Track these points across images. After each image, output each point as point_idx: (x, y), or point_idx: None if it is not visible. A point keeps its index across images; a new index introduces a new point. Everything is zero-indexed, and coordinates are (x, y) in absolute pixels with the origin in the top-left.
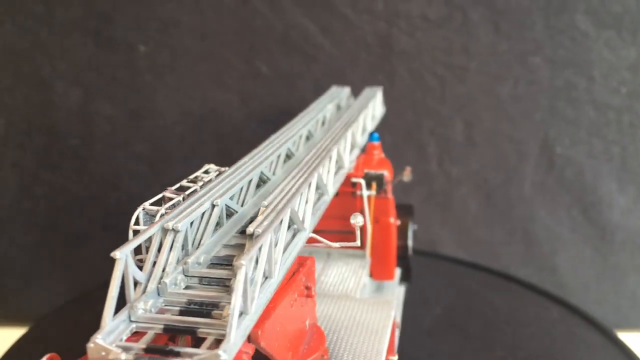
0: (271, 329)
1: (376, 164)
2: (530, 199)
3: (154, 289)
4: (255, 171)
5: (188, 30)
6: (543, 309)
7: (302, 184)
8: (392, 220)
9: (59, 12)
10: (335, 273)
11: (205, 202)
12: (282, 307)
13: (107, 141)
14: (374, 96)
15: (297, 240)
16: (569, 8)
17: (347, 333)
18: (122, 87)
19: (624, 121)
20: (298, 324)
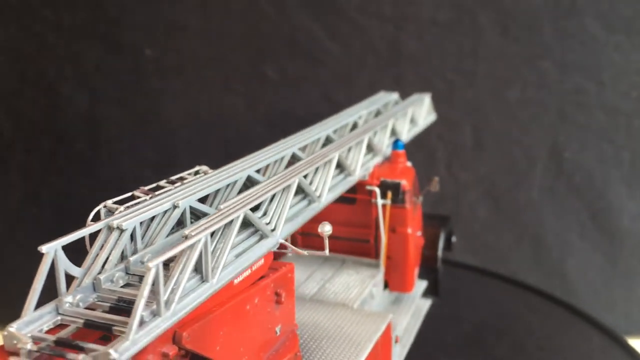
0: (205, 332)
1: (399, 173)
2: (539, 204)
3: (90, 285)
4: (242, 174)
5: (195, 34)
6: (583, 336)
7: (275, 188)
8: (410, 231)
9: (65, 16)
10: (342, 281)
11: (166, 202)
12: (228, 311)
13: (113, 145)
14: (415, 102)
15: (260, 246)
16: (578, 12)
17: (328, 342)
18: (128, 91)
19: (634, 126)
20: (260, 329)
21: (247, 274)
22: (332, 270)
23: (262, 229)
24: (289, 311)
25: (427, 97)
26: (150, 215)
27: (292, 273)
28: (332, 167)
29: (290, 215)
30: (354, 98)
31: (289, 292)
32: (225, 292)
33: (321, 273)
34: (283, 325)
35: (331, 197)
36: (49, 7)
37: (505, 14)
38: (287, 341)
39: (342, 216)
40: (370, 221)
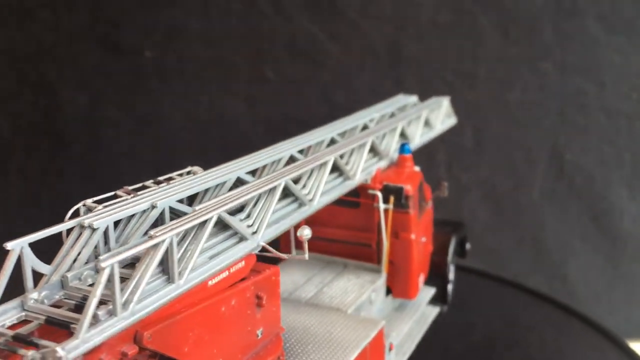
0: (171, 332)
1: (405, 177)
2: (540, 206)
3: (57, 282)
4: (230, 175)
5: (195, 36)
6: (601, 354)
7: (257, 191)
8: (413, 237)
9: (65, 17)
10: (341, 286)
11: (144, 202)
12: (199, 313)
13: (113, 147)
14: (431, 106)
15: (238, 249)
16: (579, 13)
17: (314, 347)
18: (128, 93)
19: (635, 127)
20: (238, 331)
21: (224, 275)
22: (333, 274)
23: (241, 231)
24: (273, 314)
25: (446, 101)
26: (124, 215)
27: (276, 276)
28: (327, 170)
29: (275, 218)
30: (354, 100)
31: (273, 296)
32: (198, 294)
33: (321, 277)
34: (266, 328)
35: (326, 201)
36: (48, 8)
37: (506, 16)
38: (269, 344)
39: (345, 220)
40: (372, 225)
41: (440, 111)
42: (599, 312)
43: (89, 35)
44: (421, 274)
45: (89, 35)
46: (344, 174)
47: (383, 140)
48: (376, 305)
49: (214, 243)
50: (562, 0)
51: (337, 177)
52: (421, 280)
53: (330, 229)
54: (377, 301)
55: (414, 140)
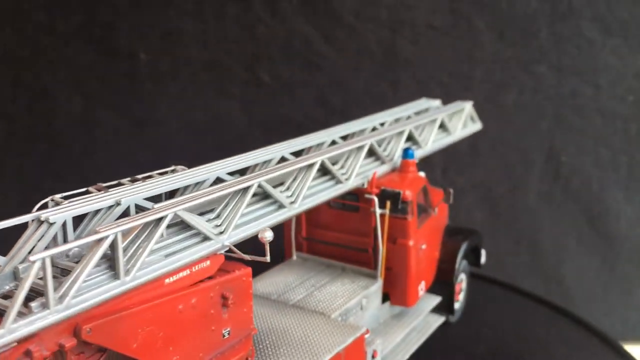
0: (116, 327)
1: (407, 182)
2: (536, 209)
3: (10, 273)
4: (210, 175)
5: (190, 38)
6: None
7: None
8: (411, 243)
9: (60, 20)
10: (333, 290)
11: (108, 199)
12: (151, 310)
13: (108, 150)
14: (449, 110)
15: (200, 248)
16: (574, 15)
17: (286, 349)
18: (123, 96)
19: (631, 130)
20: (199, 330)
21: (185, 274)
22: (329, 278)
23: (203, 230)
24: (243, 315)
25: (468, 105)
26: (84, 210)
27: (247, 277)
28: (312, 172)
29: (247, 219)
30: (350, 102)
31: (243, 297)
32: (153, 291)
33: (316, 279)
34: (234, 329)
35: (310, 204)
36: (43, 11)
37: (501, 18)
38: (237, 345)
39: (345, 224)
40: (370, 230)
41: (461, 116)
42: (595, 314)
43: (84, 37)
44: (422, 282)
45: (84, 37)
46: (335, 177)
47: (389, 144)
48: (369, 311)
49: (174, 241)
50: (558, 2)
51: (328, 179)
52: (422, 288)
53: (331, 232)
54: (371, 307)
55: (426, 145)
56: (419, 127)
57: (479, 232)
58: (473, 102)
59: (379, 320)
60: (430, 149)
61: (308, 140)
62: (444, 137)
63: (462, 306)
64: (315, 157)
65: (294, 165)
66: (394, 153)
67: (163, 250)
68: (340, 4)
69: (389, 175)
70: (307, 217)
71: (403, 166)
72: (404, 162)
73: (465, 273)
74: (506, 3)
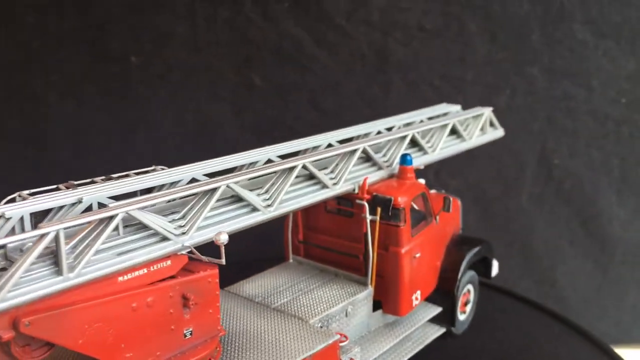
0: (59, 322)
1: (403, 189)
2: (529, 211)
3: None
4: (184, 175)
5: (182, 41)
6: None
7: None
8: (404, 251)
9: (51, 23)
10: (320, 295)
11: (71, 197)
12: (99, 306)
13: (100, 153)
14: (461, 115)
15: (157, 248)
16: (566, 17)
17: (253, 353)
18: (115, 99)
19: (624, 132)
20: (156, 329)
21: (141, 273)
22: (319, 283)
23: (161, 231)
24: (209, 317)
25: (487, 111)
26: (43, 207)
27: (212, 278)
28: (292, 176)
29: (216, 221)
30: (342, 105)
31: (208, 298)
32: (105, 288)
33: (306, 284)
34: (197, 329)
35: (290, 208)
36: (34, 14)
37: (493, 21)
38: (200, 345)
39: (340, 229)
40: (362, 236)
41: (478, 122)
42: (588, 317)
43: (75, 40)
44: (417, 291)
45: (75, 40)
46: (321, 182)
47: (390, 149)
48: (356, 318)
49: (130, 240)
50: (550, 5)
51: (314, 184)
52: (417, 297)
53: (326, 236)
54: (359, 315)
55: (433, 152)
56: (428, 133)
57: (489, 243)
58: (493, 108)
59: (369, 328)
60: (439, 155)
61: (301, 144)
62: (457, 143)
63: (468, 318)
64: (297, 160)
65: (272, 168)
66: (394, 159)
67: (116, 249)
68: (331, 6)
69: (386, 181)
70: (304, 221)
71: (401, 172)
72: (401, 168)
73: (474, 284)
74: (498, 5)
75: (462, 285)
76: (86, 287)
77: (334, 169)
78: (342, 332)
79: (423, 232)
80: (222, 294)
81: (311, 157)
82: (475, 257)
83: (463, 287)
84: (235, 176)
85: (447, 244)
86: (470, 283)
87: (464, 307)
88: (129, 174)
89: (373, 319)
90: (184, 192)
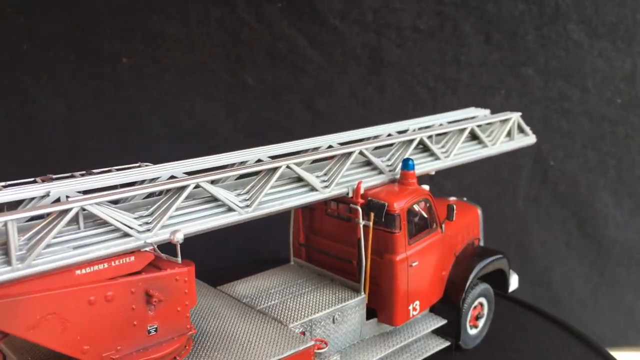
0: (9, 311)
1: (399, 195)
2: (524, 213)
3: None
4: (165, 172)
5: (174, 42)
6: None
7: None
8: (399, 258)
9: (40, 23)
10: (309, 299)
11: (41, 190)
12: (52, 297)
13: (91, 155)
14: (483, 120)
15: (117, 244)
16: (561, 17)
17: (222, 353)
18: (106, 100)
19: (620, 133)
20: (116, 323)
21: (101, 267)
22: (313, 287)
23: (120, 227)
24: (176, 314)
25: (514, 116)
26: (10, 199)
27: (181, 277)
28: (275, 177)
29: (185, 219)
30: (336, 106)
31: (176, 296)
32: (61, 280)
33: (298, 287)
34: (163, 327)
35: (270, 209)
36: (23, 14)
37: (488, 21)
38: (166, 342)
39: (337, 233)
40: (355, 241)
41: (504, 127)
42: (584, 320)
43: (65, 41)
44: (416, 301)
45: (65, 41)
46: (309, 184)
47: (395, 153)
48: (345, 326)
49: (90, 234)
50: (545, 5)
51: (302, 186)
52: (415, 307)
53: (326, 240)
54: (348, 322)
55: (446, 157)
56: (444, 137)
57: (505, 255)
58: (521, 113)
59: (362, 336)
60: (454, 161)
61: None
62: (477, 149)
63: (481, 333)
64: (280, 161)
65: (252, 168)
66: (398, 163)
67: (74, 242)
68: (325, 6)
69: (385, 186)
70: (305, 224)
71: (402, 177)
72: (402, 173)
73: (487, 298)
74: (492, 5)
75: (470, 297)
76: (42, 278)
77: (327, 171)
78: (322, 339)
79: (424, 240)
80: (213, 292)
81: (296, 159)
82: (487, 270)
83: (473, 300)
84: (208, 175)
85: (458, 254)
86: (483, 296)
87: (475, 321)
88: (111, 170)
89: (367, 327)
90: (150, 189)
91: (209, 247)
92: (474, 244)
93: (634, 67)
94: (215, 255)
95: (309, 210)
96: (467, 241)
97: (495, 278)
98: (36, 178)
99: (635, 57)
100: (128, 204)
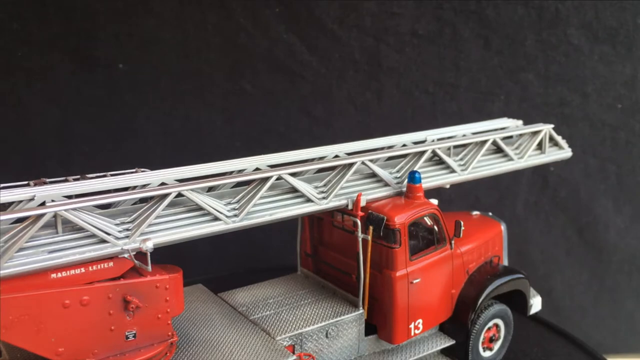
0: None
1: (403, 209)
2: (524, 219)
3: None
4: (156, 179)
5: (170, 47)
6: None
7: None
8: (397, 275)
9: (35, 29)
10: (305, 312)
11: (28, 193)
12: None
13: (86, 162)
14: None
15: (92, 249)
16: (561, 22)
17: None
18: (101, 107)
19: (620, 138)
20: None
21: (78, 272)
22: (313, 299)
23: (96, 233)
24: (156, 321)
25: (545, 128)
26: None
27: (161, 284)
28: (265, 187)
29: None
30: (334, 112)
31: (156, 303)
32: (35, 283)
33: (297, 298)
34: (141, 333)
35: (259, 220)
36: (18, 20)
37: (487, 26)
38: (144, 349)
39: (341, 245)
40: (355, 254)
41: (534, 139)
42: (585, 327)
43: (60, 47)
44: (418, 320)
45: (60, 47)
46: (304, 196)
47: (407, 164)
48: (340, 341)
49: (67, 239)
50: (544, 10)
51: (297, 196)
52: (417, 326)
53: (331, 252)
54: (343, 337)
55: (464, 171)
56: (463, 149)
57: (525, 276)
58: (553, 125)
59: (359, 352)
60: (472, 175)
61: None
62: (501, 163)
63: (497, 356)
64: (273, 171)
65: (241, 177)
66: (404, 175)
67: (50, 247)
68: (323, 11)
69: (390, 199)
70: (312, 234)
71: (408, 191)
72: (409, 186)
73: (504, 320)
74: (492, 10)
75: (483, 318)
76: (16, 280)
77: (327, 182)
78: (310, 353)
79: (430, 256)
80: (213, 299)
81: (289, 169)
82: (501, 290)
83: (487, 320)
84: (192, 183)
85: (472, 272)
86: (499, 317)
87: (490, 343)
88: (106, 175)
89: (365, 343)
90: (132, 196)
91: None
92: (492, 262)
93: (635, 72)
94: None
95: (317, 220)
96: (485, 259)
97: (517, 299)
98: (29, 181)
99: (635, 62)
100: (117, 209)
